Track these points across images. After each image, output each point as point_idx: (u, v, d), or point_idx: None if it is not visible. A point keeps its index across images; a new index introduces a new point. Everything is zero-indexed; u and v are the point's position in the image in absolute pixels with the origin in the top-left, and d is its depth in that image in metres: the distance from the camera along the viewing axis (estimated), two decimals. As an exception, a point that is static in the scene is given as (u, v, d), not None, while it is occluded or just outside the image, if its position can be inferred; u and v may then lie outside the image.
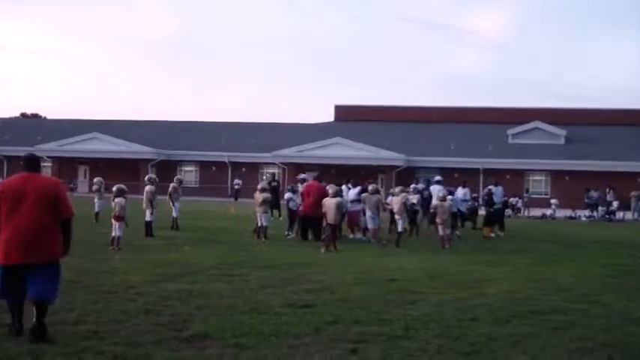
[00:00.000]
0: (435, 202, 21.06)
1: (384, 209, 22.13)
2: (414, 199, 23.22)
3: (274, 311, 9.70)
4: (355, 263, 15.69)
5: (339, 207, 19.06)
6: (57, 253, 8.01)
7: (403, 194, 20.77)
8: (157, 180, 22.38)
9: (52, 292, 7.94)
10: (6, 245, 7.83)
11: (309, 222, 21.36)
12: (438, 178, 26.57)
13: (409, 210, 22.22)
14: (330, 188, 19.70)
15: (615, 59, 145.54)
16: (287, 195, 23.36)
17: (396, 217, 20.54)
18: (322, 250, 17.99)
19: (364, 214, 21.63)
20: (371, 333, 8.53)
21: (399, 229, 20.50)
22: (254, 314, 9.46)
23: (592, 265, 16.76)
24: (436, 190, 24.12)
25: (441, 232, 20.17)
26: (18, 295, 7.92)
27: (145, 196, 21.25)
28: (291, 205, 22.62)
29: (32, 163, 8.47)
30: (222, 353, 7.44)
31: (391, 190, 24.34)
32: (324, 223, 19.52)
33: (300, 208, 21.75)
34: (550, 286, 13.06)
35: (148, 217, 20.82)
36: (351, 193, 22.57)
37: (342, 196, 20.26)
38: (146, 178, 22.35)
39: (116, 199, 17.66)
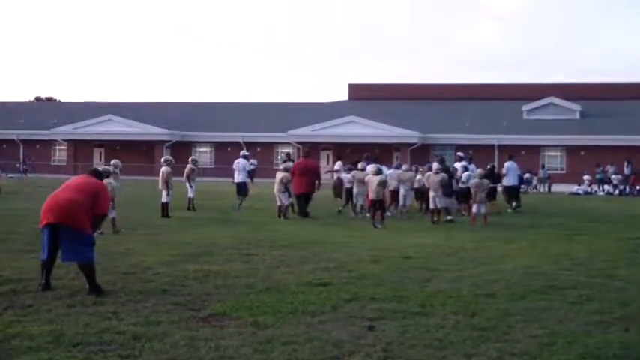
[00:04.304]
0: (475, 180, 21.07)
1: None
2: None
3: (291, 290, 9.75)
4: (371, 241, 15.72)
5: (382, 184, 19.51)
6: (85, 227, 9.29)
7: (442, 174, 21.07)
8: (174, 161, 22.44)
9: (84, 253, 9.27)
10: (43, 212, 9.43)
11: (305, 199, 22.05)
12: (460, 154, 26.60)
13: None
14: (372, 167, 20.36)
15: (630, 32, 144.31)
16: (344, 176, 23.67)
17: (431, 194, 20.73)
18: (378, 226, 18.71)
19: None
20: (388, 310, 8.57)
21: (438, 205, 20.72)
22: (271, 293, 9.52)
23: (608, 239, 16.73)
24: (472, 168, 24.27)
25: (474, 210, 20.23)
26: (49, 255, 9.39)
27: (161, 178, 21.31)
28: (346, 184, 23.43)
29: (95, 172, 10.27)
30: (240, 332, 7.49)
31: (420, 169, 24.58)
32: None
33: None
34: (566, 260, 13.05)
35: (164, 199, 20.90)
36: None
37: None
38: (162, 160, 22.37)
39: (104, 181, 17.43)
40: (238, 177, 25.14)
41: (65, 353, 6.62)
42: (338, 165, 33.19)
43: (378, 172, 19.90)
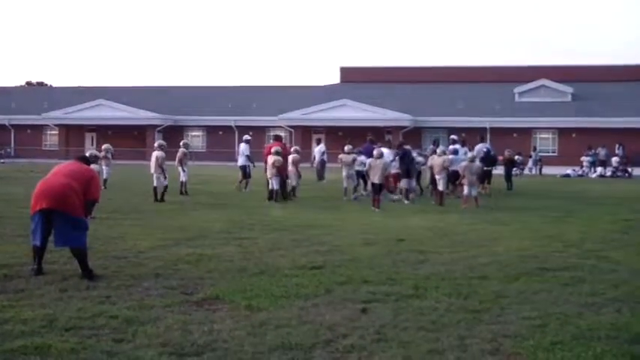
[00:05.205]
0: (464, 163, 21.13)
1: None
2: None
3: (284, 273, 9.76)
4: (363, 224, 15.74)
5: (384, 168, 19.88)
6: (78, 212, 9.27)
7: (444, 157, 21.63)
8: (166, 145, 22.44)
9: (76, 238, 9.28)
10: (35, 197, 9.36)
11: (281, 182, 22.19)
12: (453, 137, 26.68)
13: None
14: (376, 150, 20.57)
15: (622, 14, 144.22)
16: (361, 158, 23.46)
17: (437, 177, 21.32)
18: (374, 210, 18.96)
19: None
20: (381, 292, 8.59)
21: (441, 188, 21.16)
22: (264, 276, 9.52)
23: (600, 221, 16.79)
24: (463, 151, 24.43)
25: (466, 192, 20.27)
26: (42, 241, 9.36)
27: (154, 162, 21.24)
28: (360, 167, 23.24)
29: (83, 157, 10.33)
30: (233, 315, 7.50)
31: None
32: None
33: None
34: (558, 243, 13.10)
35: (155, 183, 20.88)
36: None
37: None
38: (156, 144, 22.32)
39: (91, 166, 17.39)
40: (240, 161, 26.42)
41: (58, 337, 6.61)
42: (321, 147, 33.29)
43: (381, 156, 20.08)
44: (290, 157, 22.71)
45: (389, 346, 6.55)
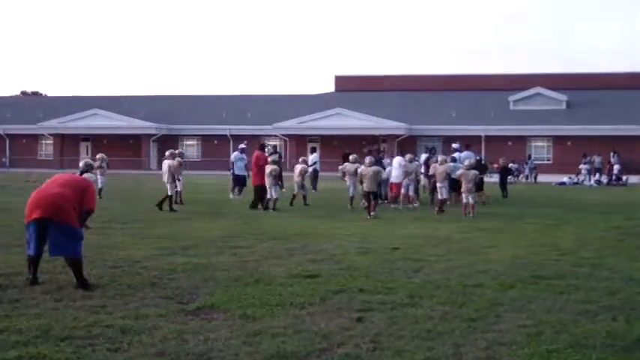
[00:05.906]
0: (460, 170, 21.19)
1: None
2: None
3: (279, 282, 9.74)
4: (358, 232, 15.73)
5: (376, 175, 20.00)
6: (73, 221, 9.22)
7: (447, 164, 21.80)
8: (177, 154, 22.72)
9: (71, 248, 9.21)
10: (29, 206, 9.34)
11: (262, 191, 22.02)
12: (455, 146, 26.69)
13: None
14: (368, 158, 20.82)
15: (617, 21, 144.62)
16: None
17: (438, 184, 21.44)
18: (369, 218, 19.07)
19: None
20: (376, 301, 8.57)
21: (444, 196, 21.33)
22: (259, 285, 9.50)
23: (595, 229, 16.81)
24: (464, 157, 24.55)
25: (464, 200, 20.30)
26: (37, 250, 9.30)
27: (168, 171, 21.32)
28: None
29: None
30: (228, 324, 7.48)
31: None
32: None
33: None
34: (553, 250, 13.11)
35: (169, 191, 20.97)
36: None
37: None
38: (167, 153, 22.50)
39: (84, 175, 17.42)
40: (235, 169, 26.85)
41: (53, 347, 6.59)
42: (315, 157, 33.46)
43: (372, 164, 20.24)
44: (297, 167, 23.70)
45: (384, 354, 6.54)
